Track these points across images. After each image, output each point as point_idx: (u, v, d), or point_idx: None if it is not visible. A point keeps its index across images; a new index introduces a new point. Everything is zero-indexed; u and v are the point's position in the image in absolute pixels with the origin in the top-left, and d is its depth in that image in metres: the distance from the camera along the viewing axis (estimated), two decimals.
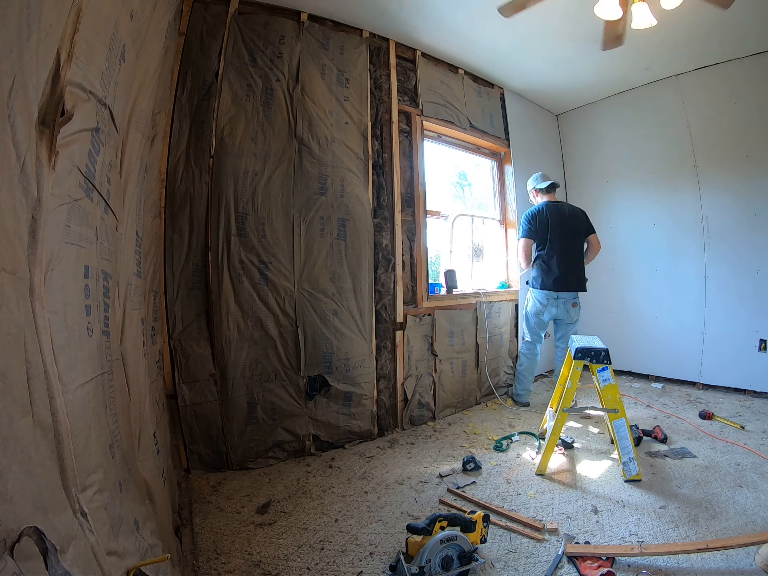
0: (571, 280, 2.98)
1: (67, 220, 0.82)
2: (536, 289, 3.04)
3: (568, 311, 3.02)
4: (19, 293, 0.65)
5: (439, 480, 2.09)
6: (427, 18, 2.69)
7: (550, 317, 3.07)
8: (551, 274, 2.96)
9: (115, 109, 1.12)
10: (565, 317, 3.04)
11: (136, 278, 1.47)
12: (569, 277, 2.97)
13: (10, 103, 0.63)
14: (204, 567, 1.47)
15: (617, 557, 1.44)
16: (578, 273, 3.02)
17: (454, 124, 3.26)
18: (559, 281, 2.95)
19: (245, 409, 2.26)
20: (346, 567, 1.46)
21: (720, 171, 3.29)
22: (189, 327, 2.17)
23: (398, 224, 2.84)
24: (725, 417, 2.73)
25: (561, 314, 3.03)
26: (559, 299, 2.99)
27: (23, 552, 0.56)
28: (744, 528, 1.59)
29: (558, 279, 2.95)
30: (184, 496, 1.95)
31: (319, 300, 2.46)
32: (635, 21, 2.03)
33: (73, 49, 0.82)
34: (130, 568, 0.90)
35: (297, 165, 2.43)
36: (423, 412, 2.91)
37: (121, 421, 1.09)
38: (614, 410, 2.05)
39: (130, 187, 1.36)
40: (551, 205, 3.05)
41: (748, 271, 3.17)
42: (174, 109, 2.16)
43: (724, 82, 3.21)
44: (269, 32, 2.41)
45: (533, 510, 1.80)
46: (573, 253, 3.01)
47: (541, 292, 3.00)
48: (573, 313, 3.03)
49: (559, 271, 2.95)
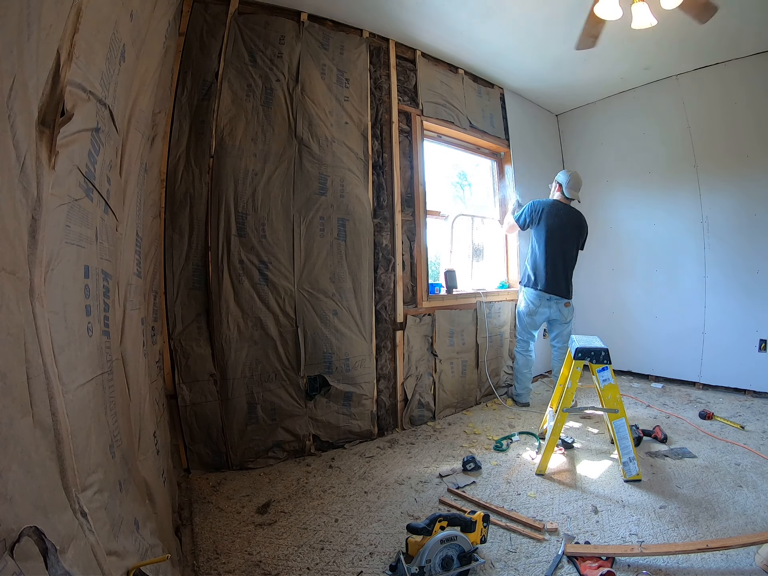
0: (561, 285, 3.00)
1: (67, 220, 0.82)
2: (528, 287, 3.06)
3: (561, 311, 3.04)
4: (19, 293, 0.65)
5: (439, 480, 2.09)
6: (427, 18, 2.69)
7: (543, 318, 3.09)
8: (543, 275, 2.98)
9: (115, 109, 1.12)
10: (558, 317, 3.06)
11: (136, 278, 1.47)
12: (560, 281, 2.99)
13: (10, 103, 0.63)
14: (204, 567, 1.47)
15: (617, 557, 1.44)
16: (568, 279, 3.04)
17: (454, 124, 3.26)
18: (550, 283, 2.97)
19: (245, 409, 2.26)
20: (346, 567, 1.46)
21: (720, 171, 3.29)
22: (189, 327, 2.17)
23: (398, 224, 2.84)
24: (725, 417, 2.73)
25: (554, 315, 3.06)
26: (552, 300, 3.01)
27: (23, 552, 0.56)
28: (744, 528, 1.59)
29: (549, 281, 2.97)
30: (184, 496, 1.95)
31: (319, 300, 2.46)
32: (635, 21, 2.03)
33: (73, 49, 0.82)
34: (130, 568, 0.90)
35: (297, 165, 2.43)
36: (423, 412, 2.91)
37: (121, 421, 1.09)
38: (614, 410, 2.05)
39: (130, 187, 1.36)
40: (561, 207, 3.04)
41: (748, 271, 3.17)
42: (174, 109, 2.16)
43: (724, 82, 3.21)
44: (269, 32, 2.41)
45: (533, 510, 1.80)
46: (567, 259, 3.03)
47: (533, 292, 3.02)
48: (566, 313, 3.05)
49: (552, 273, 2.97)
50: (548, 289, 2.98)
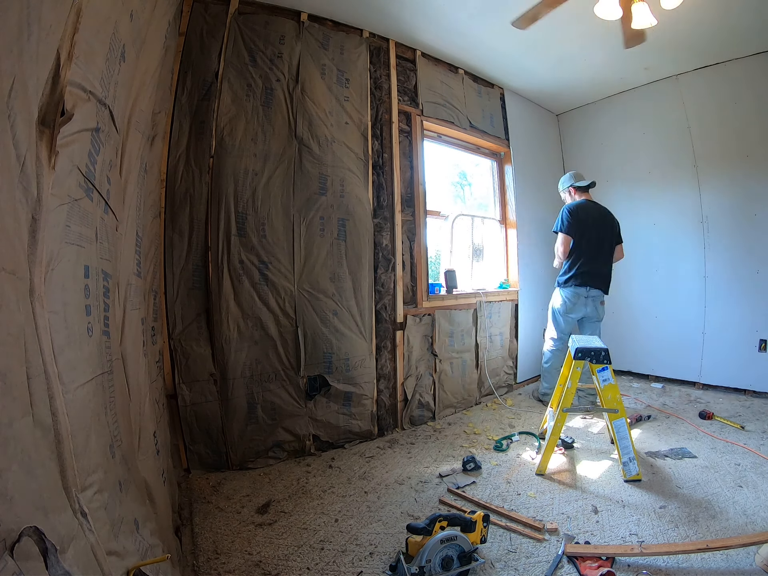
0: (599, 279, 3.00)
1: (67, 220, 0.82)
2: (566, 287, 3.03)
3: (596, 308, 3.03)
4: (19, 293, 0.65)
5: (439, 480, 2.09)
6: (427, 18, 2.69)
7: (579, 315, 3.06)
8: (582, 271, 2.96)
9: (115, 109, 1.12)
10: (594, 315, 3.04)
11: (136, 278, 1.47)
12: (598, 275, 2.99)
13: (10, 103, 0.63)
14: (204, 567, 1.47)
15: (617, 557, 1.44)
16: (606, 274, 3.04)
17: (454, 124, 3.26)
18: (589, 277, 2.96)
19: (245, 409, 2.26)
20: (346, 567, 1.46)
21: (720, 171, 3.29)
22: (189, 327, 2.17)
23: (398, 224, 2.84)
24: (725, 417, 2.72)
25: (591, 312, 3.03)
26: (589, 297, 3.00)
27: (23, 552, 0.56)
28: (744, 528, 1.59)
29: (588, 275, 2.96)
30: (184, 496, 1.95)
31: (319, 300, 2.46)
32: (635, 21, 2.03)
33: (73, 49, 0.82)
34: (130, 568, 0.90)
35: (297, 165, 2.43)
36: (423, 412, 2.91)
37: (121, 421, 1.09)
38: (614, 410, 2.05)
39: (130, 187, 1.36)
40: (590, 205, 3.06)
41: (748, 271, 3.16)
42: (174, 109, 2.16)
43: (724, 82, 3.20)
44: (269, 32, 2.41)
45: (533, 510, 1.80)
46: (603, 254, 3.03)
47: (571, 290, 3.00)
48: (601, 311, 3.05)
49: (590, 268, 2.96)
50: (586, 283, 2.96)
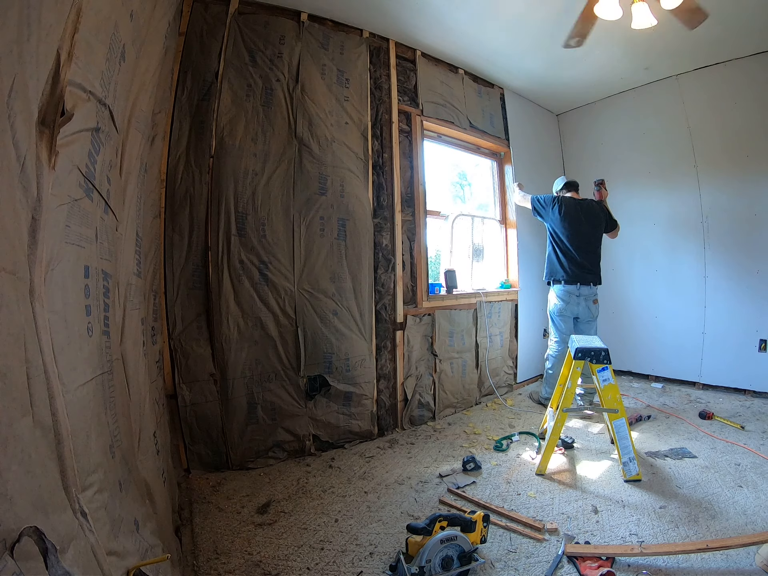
0: (588, 273, 2.99)
1: (67, 220, 0.82)
2: (556, 284, 3.03)
3: (589, 308, 3.01)
4: (19, 293, 0.65)
5: (439, 480, 2.09)
6: (427, 18, 2.69)
7: (573, 315, 3.04)
8: (569, 267, 2.96)
9: (115, 109, 1.12)
10: (587, 315, 3.02)
11: (136, 278, 1.47)
12: (587, 271, 2.98)
13: (10, 103, 0.63)
14: (204, 567, 1.47)
15: (617, 557, 1.44)
16: (596, 267, 3.03)
17: (454, 124, 3.26)
18: (576, 274, 2.96)
19: (245, 409, 2.26)
20: (346, 567, 1.46)
21: (720, 171, 3.29)
22: (189, 327, 2.17)
23: (398, 224, 2.84)
24: (725, 417, 2.72)
25: (583, 312, 3.01)
26: (581, 296, 2.98)
27: (23, 552, 0.56)
28: (744, 528, 1.59)
29: (576, 272, 2.96)
30: (184, 496, 1.95)
31: (319, 300, 2.46)
32: (635, 21, 2.03)
33: (73, 49, 0.82)
34: (130, 568, 0.90)
35: (297, 165, 2.43)
36: (423, 412, 2.91)
37: (121, 421, 1.08)
38: (614, 410, 2.05)
39: (130, 187, 1.36)
40: (574, 199, 3.07)
41: (748, 271, 3.17)
42: (174, 109, 2.16)
43: (724, 82, 3.21)
44: (269, 32, 2.41)
45: (533, 510, 1.80)
46: (591, 247, 3.02)
47: (561, 288, 2.99)
48: (594, 310, 3.03)
49: (578, 264, 2.96)
50: (575, 280, 2.95)
